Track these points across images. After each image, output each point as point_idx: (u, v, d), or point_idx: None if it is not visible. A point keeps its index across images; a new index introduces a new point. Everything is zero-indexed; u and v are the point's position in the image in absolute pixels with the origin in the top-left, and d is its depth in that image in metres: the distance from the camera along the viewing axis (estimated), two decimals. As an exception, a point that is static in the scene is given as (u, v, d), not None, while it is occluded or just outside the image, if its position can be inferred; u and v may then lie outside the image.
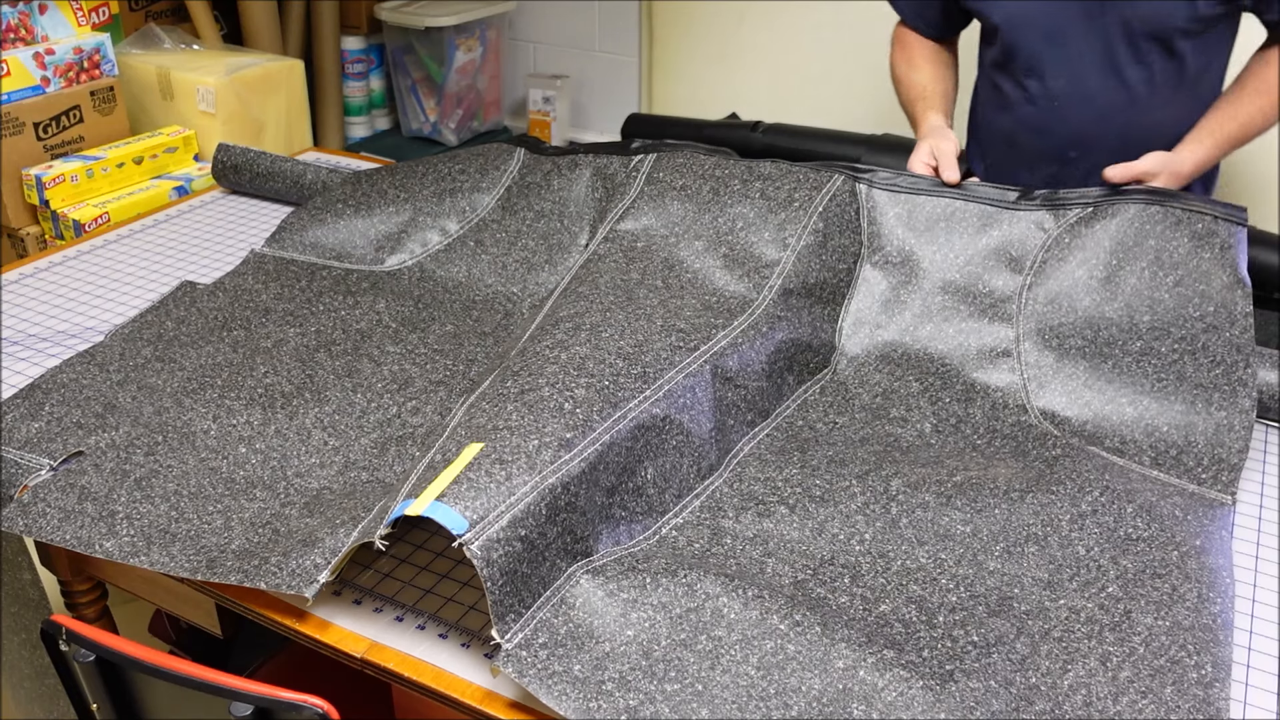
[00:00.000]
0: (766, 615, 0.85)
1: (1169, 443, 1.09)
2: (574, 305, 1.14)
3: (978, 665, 0.82)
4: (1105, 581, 0.92)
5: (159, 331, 1.27)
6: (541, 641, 0.82)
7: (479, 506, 0.83)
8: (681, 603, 0.86)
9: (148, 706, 0.93)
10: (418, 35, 2.63)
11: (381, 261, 1.43)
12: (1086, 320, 1.16)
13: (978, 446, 1.11)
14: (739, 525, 0.98)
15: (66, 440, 1.07)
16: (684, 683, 0.79)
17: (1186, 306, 1.14)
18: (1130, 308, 1.15)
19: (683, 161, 1.35)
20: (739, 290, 1.20)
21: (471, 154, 1.52)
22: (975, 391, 1.17)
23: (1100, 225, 1.20)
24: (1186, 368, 1.11)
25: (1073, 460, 1.06)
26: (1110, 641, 0.86)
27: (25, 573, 1.38)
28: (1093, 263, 1.18)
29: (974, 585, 0.91)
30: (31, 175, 1.90)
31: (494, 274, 1.39)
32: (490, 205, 1.46)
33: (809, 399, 1.19)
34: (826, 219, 1.26)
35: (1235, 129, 1.34)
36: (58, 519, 0.97)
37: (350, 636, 0.89)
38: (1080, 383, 1.14)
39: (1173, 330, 1.13)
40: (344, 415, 1.12)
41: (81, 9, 2.07)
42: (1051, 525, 0.97)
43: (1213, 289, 1.14)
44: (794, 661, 0.81)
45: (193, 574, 0.90)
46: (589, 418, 0.94)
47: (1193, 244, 1.16)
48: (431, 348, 1.24)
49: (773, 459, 1.09)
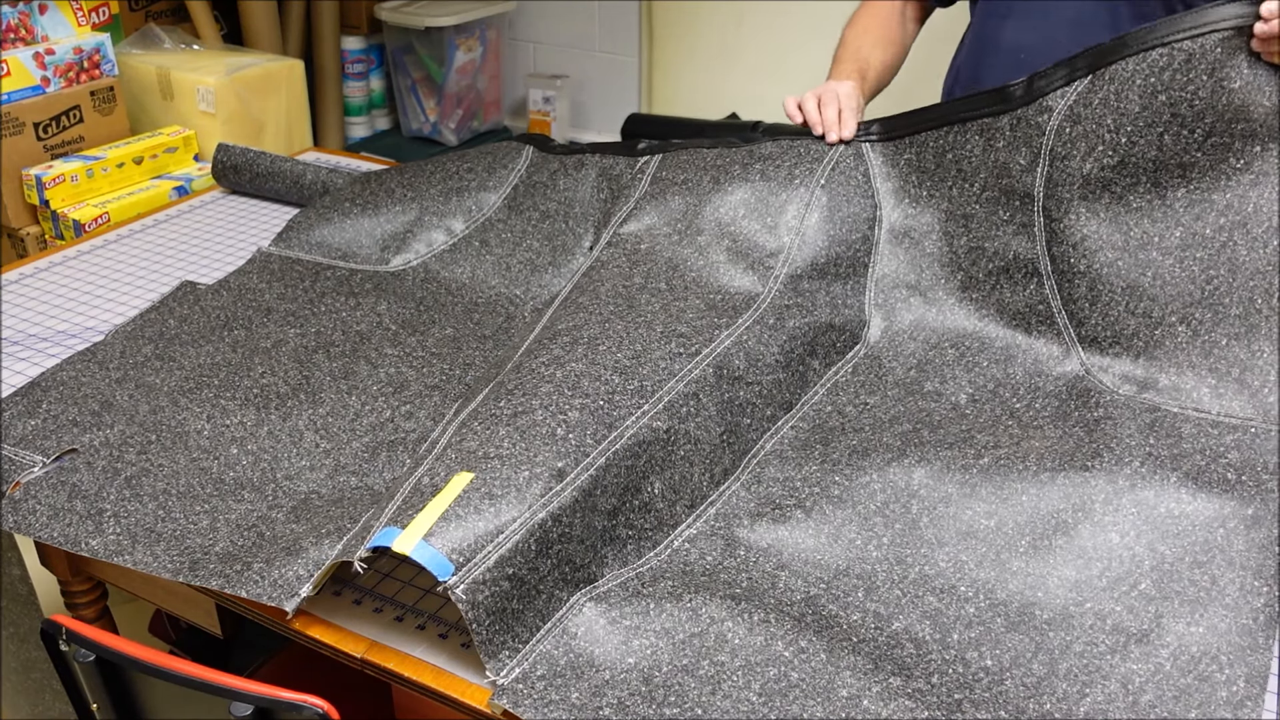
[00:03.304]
0: (771, 641, 0.83)
1: (1231, 360, 0.99)
2: (573, 317, 1.12)
3: (988, 695, 0.79)
4: (1138, 576, 0.86)
5: (160, 330, 1.27)
6: (540, 674, 0.81)
7: (465, 548, 0.82)
8: (685, 628, 0.84)
9: (148, 706, 0.93)
10: (418, 35, 2.63)
11: (386, 262, 1.43)
12: (1112, 220, 1.07)
13: (1015, 412, 1.05)
14: (753, 534, 0.96)
15: (61, 438, 1.07)
16: (684, 708, 0.78)
17: (1223, 163, 1.01)
18: (1158, 187, 1.04)
19: (686, 158, 1.34)
20: (744, 285, 1.19)
21: (480, 152, 1.51)
22: (1015, 348, 1.12)
23: (1099, 99, 1.09)
24: (1239, 251, 0.99)
25: (1114, 423, 0.99)
26: (1135, 658, 0.81)
27: (14, 568, 1.39)
28: (1098, 149, 1.09)
29: (994, 591, 0.88)
30: (31, 175, 1.90)
31: (498, 275, 1.39)
32: (497, 205, 1.45)
33: (839, 381, 1.16)
34: (831, 191, 1.24)
35: None
36: (47, 516, 0.97)
37: (350, 636, 0.89)
38: (1121, 309, 1.05)
39: (1215, 199, 1.00)
40: (337, 417, 1.11)
41: (81, 9, 2.07)
42: (1084, 510, 0.92)
43: (1254, 118, 1.00)
44: (797, 689, 0.79)
45: (174, 575, 0.90)
46: (582, 442, 0.92)
47: (1211, 77, 1.03)
48: (429, 351, 1.24)
49: (793, 455, 1.06)
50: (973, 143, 1.21)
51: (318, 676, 1.17)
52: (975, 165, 1.20)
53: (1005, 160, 1.18)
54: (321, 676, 1.15)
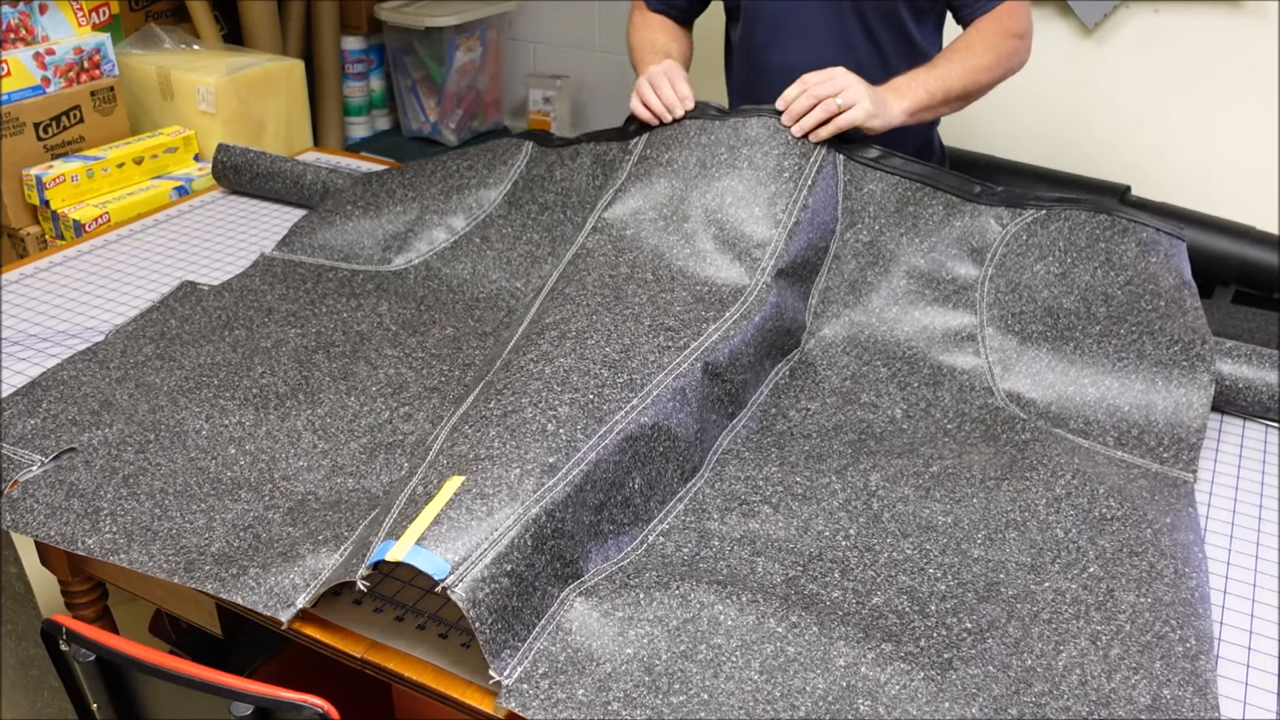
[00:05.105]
0: (763, 619, 0.84)
1: (1130, 422, 1.11)
2: (561, 309, 1.12)
3: (974, 652, 0.83)
4: (1086, 562, 0.94)
5: (162, 329, 1.27)
6: (542, 672, 0.81)
7: (460, 547, 0.81)
8: (677, 614, 0.85)
9: (148, 706, 0.93)
10: (418, 35, 2.63)
11: (389, 261, 1.43)
12: (1046, 309, 1.19)
13: (948, 431, 1.12)
14: (725, 526, 0.98)
15: (61, 437, 1.07)
16: (689, 694, 0.79)
17: (1139, 300, 1.17)
18: (1086, 300, 1.18)
19: (671, 134, 1.33)
20: (731, 276, 1.19)
21: (480, 149, 1.51)
22: (942, 374, 1.18)
23: (1055, 227, 1.23)
24: (1145, 346, 1.14)
25: (1042, 445, 1.07)
26: (1098, 620, 0.88)
27: (11, 566, 1.39)
28: (1049, 259, 1.21)
29: (960, 573, 0.92)
30: (31, 175, 1.90)
31: (498, 269, 1.38)
32: (497, 201, 1.45)
33: (780, 383, 1.20)
34: (814, 193, 1.25)
35: (944, 80, 1.34)
36: (44, 515, 0.97)
37: (350, 636, 0.89)
38: (1043, 365, 1.17)
39: (1129, 317, 1.16)
40: (335, 418, 1.11)
41: (82, 9, 2.07)
42: (1029, 511, 0.99)
43: (1162, 288, 1.18)
44: (795, 663, 0.81)
45: (169, 575, 0.90)
46: (573, 438, 0.93)
47: (1139, 250, 1.20)
48: (429, 352, 1.24)
49: (751, 457, 1.08)
50: (934, 209, 1.26)
51: (318, 676, 1.17)
52: (930, 228, 1.25)
53: (960, 237, 1.24)
54: (321, 676, 1.15)
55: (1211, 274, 1.95)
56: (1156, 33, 2.03)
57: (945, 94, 1.33)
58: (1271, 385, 1.17)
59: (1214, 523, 1.05)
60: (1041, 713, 0.79)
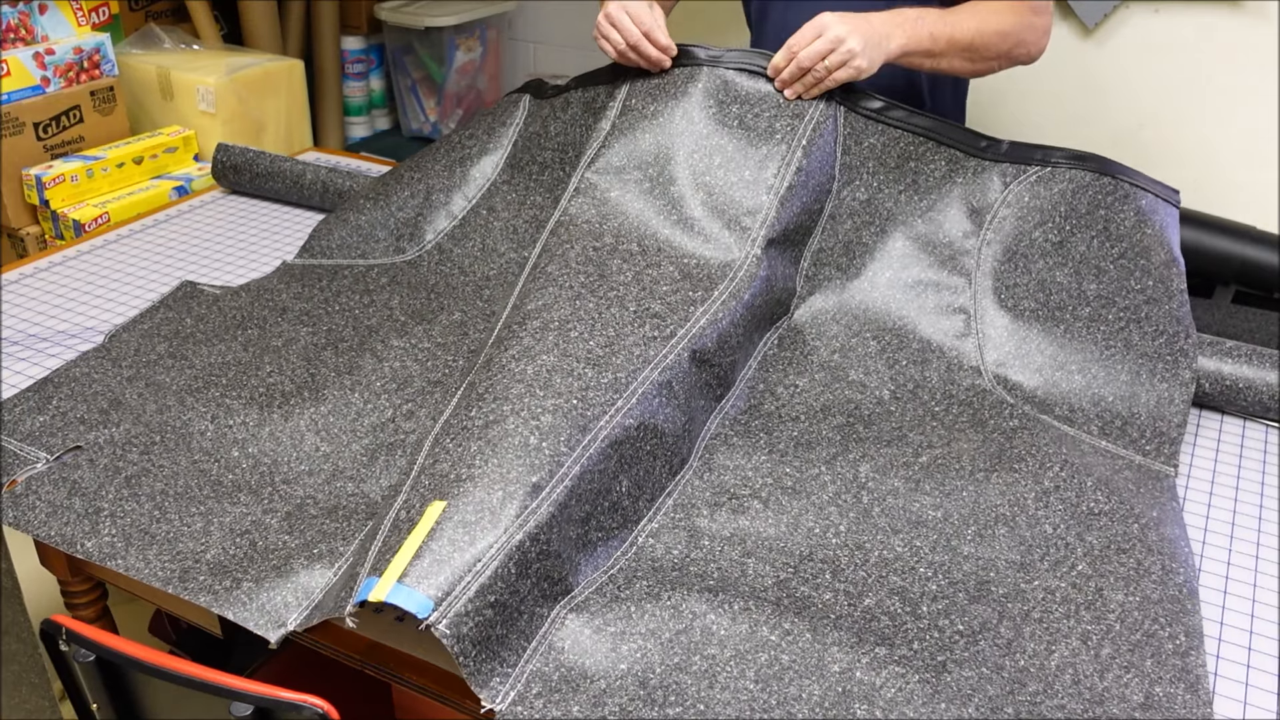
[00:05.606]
0: (756, 627, 0.84)
1: (1114, 413, 1.11)
2: (544, 293, 1.09)
3: (968, 654, 0.83)
4: (1075, 560, 0.94)
5: (176, 328, 1.27)
6: (536, 692, 0.80)
7: (443, 582, 0.79)
8: (670, 626, 0.84)
9: (148, 706, 0.93)
10: (418, 35, 2.63)
11: (402, 251, 1.42)
12: (1039, 282, 1.18)
13: (936, 414, 1.12)
14: (714, 524, 0.97)
15: (68, 435, 1.07)
16: (685, 705, 0.78)
17: (1129, 278, 1.16)
18: (1079, 274, 1.17)
19: (657, 83, 1.27)
20: (719, 249, 1.16)
21: (481, 115, 1.50)
22: (931, 351, 1.17)
23: (1058, 189, 1.20)
24: (1132, 335, 1.14)
25: (1030, 433, 1.07)
26: (1088, 620, 0.88)
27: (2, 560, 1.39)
28: (1048, 225, 1.20)
29: (951, 571, 0.92)
30: (31, 175, 1.90)
31: (506, 240, 1.36)
32: (500, 166, 1.42)
33: (768, 354, 1.18)
34: (809, 154, 1.21)
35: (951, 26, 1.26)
36: (45, 513, 0.97)
37: (350, 636, 0.89)
38: (1033, 347, 1.16)
39: (1117, 300, 1.16)
40: (339, 416, 1.11)
41: (81, 9, 2.07)
42: (1018, 505, 0.99)
43: (1152, 264, 1.17)
44: (790, 670, 0.81)
45: (164, 584, 0.89)
46: (557, 451, 0.90)
47: (1136, 219, 1.19)
48: (435, 341, 1.23)
49: (740, 443, 1.07)
50: (936, 164, 1.24)
51: (318, 676, 1.17)
52: (930, 185, 1.23)
53: (960, 195, 1.22)
54: (321, 676, 1.15)
55: (1211, 274, 1.94)
56: (1156, 33, 2.03)
57: (950, 41, 1.25)
58: (1271, 385, 1.17)
59: (1214, 523, 1.05)
60: (1037, 712, 0.79)
